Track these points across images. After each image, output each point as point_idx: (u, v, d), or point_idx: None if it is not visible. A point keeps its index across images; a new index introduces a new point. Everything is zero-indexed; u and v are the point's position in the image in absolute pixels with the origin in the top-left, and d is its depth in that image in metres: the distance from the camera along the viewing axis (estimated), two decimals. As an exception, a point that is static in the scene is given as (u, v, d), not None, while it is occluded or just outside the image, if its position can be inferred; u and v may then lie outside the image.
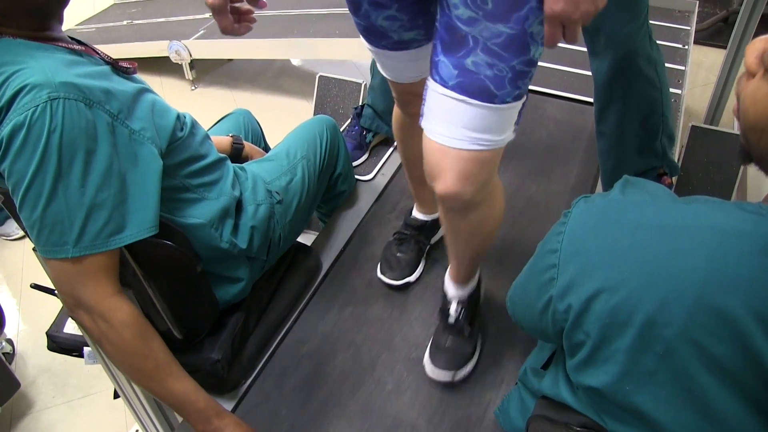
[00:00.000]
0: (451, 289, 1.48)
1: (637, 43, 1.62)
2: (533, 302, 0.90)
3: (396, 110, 1.51)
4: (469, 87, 0.99)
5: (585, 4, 0.89)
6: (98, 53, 1.19)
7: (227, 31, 1.11)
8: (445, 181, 1.07)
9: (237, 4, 1.11)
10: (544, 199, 1.94)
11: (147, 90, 1.21)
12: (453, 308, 1.47)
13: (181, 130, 1.26)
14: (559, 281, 0.81)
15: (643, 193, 0.79)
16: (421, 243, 1.73)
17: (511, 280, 1.08)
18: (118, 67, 1.19)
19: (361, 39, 1.26)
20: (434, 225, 1.73)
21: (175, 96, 3.31)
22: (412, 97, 1.32)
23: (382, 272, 1.70)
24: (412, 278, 1.69)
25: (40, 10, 1.10)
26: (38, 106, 0.99)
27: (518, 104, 1.03)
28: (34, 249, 1.13)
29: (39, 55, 1.05)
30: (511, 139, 1.07)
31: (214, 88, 3.37)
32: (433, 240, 1.78)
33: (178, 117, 1.26)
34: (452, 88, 1.00)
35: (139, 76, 1.25)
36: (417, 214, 1.73)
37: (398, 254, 1.71)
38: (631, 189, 0.80)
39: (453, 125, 1.02)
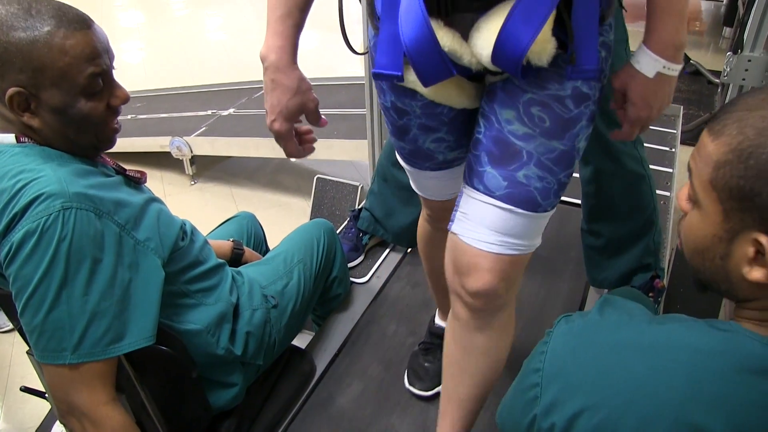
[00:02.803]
0: None
1: (620, 145, 1.69)
2: (519, 419, 0.91)
3: (424, 225, 1.50)
4: (518, 197, 1.04)
5: (664, 107, 1.07)
6: (110, 163, 1.25)
7: (293, 155, 1.18)
8: (482, 278, 1.09)
9: (296, 125, 1.16)
10: (535, 307, 1.95)
11: (154, 200, 1.25)
12: None
13: (183, 239, 1.29)
14: (542, 400, 0.83)
15: (620, 313, 0.82)
16: None
17: (497, 392, 1.09)
18: (128, 177, 1.23)
19: (402, 161, 1.28)
20: None
21: (175, 190, 3.37)
22: (445, 213, 1.23)
23: (410, 383, 1.67)
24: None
25: (76, 146, 1.16)
26: (51, 214, 1.03)
27: (553, 211, 1.11)
28: (28, 352, 1.13)
29: (57, 164, 1.10)
30: (539, 242, 1.13)
31: (213, 183, 3.44)
32: None
33: (181, 226, 1.30)
34: (500, 198, 1.04)
35: (147, 186, 1.29)
36: (440, 322, 1.70)
37: (426, 364, 1.67)
38: (609, 309, 0.83)
39: (494, 232, 1.06)
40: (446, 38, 0.96)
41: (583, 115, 1.03)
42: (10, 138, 1.12)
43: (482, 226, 1.06)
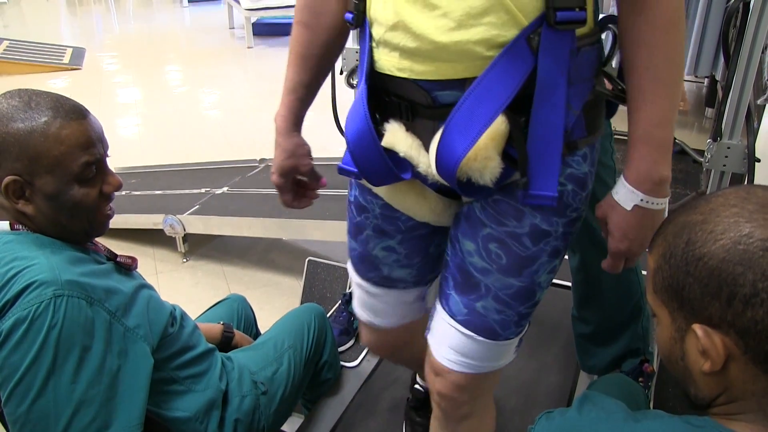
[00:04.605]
0: None
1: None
2: None
3: None
4: (477, 325, 1.05)
5: (648, 240, 0.90)
6: (102, 250, 1.27)
7: (287, 205, 1.25)
8: (447, 386, 1.12)
9: (300, 177, 1.24)
10: (526, 390, 1.94)
11: (144, 286, 1.27)
12: None
13: (173, 325, 1.30)
14: None
15: (598, 410, 0.84)
16: None
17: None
18: (118, 264, 1.25)
19: (349, 268, 1.26)
20: None
21: (167, 268, 3.37)
22: (386, 351, 1.39)
23: None
24: None
25: (69, 232, 1.19)
26: (42, 302, 1.04)
27: (519, 336, 1.09)
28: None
29: (49, 252, 1.12)
30: (512, 359, 1.13)
31: (205, 261, 3.44)
32: None
33: (171, 312, 1.31)
34: (460, 323, 1.06)
35: (138, 272, 1.31)
36: (422, 382, 1.69)
37: (418, 419, 1.68)
38: (588, 406, 0.85)
39: (457, 353, 1.08)
40: (403, 143, 0.96)
41: (542, 252, 1.00)
42: (4, 225, 1.14)
43: (445, 344, 1.09)
